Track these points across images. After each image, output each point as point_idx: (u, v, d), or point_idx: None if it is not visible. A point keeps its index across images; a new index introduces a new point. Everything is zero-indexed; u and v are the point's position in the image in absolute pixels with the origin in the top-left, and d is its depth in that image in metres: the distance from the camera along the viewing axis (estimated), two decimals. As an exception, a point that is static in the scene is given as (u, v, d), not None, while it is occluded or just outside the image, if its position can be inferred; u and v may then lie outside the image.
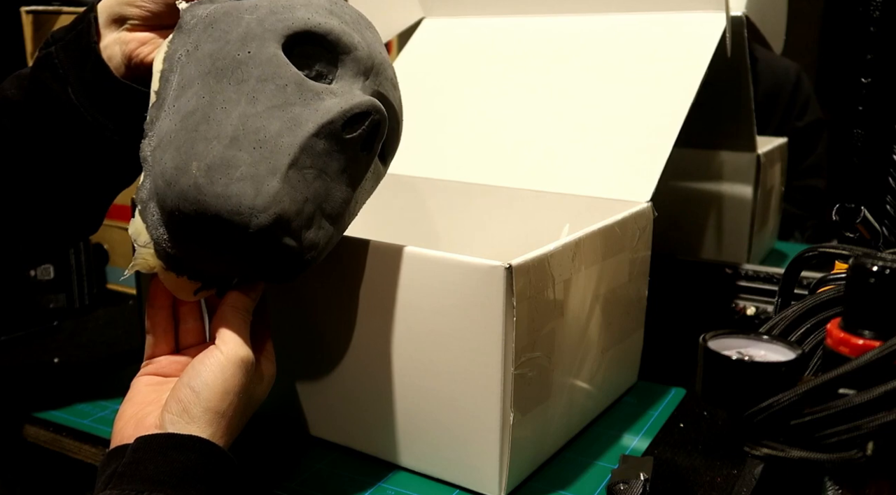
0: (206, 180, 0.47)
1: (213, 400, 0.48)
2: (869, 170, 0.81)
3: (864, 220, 0.68)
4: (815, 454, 0.41)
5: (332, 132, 0.50)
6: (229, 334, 0.50)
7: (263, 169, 0.48)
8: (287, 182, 0.48)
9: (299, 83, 0.50)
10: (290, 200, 0.48)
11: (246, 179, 0.47)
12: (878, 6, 0.79)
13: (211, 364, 0.48)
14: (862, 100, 0.81)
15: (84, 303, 0.94)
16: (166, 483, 0.44)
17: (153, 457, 0.45)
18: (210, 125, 0.49)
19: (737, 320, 0.88)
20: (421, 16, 0.96)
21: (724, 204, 0.97)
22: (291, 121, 0.49)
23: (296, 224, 0.49)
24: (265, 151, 0.48)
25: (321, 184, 0.50)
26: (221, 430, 0.48)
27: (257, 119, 0.49)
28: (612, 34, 0.82)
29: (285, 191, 0.48)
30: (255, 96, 0.49)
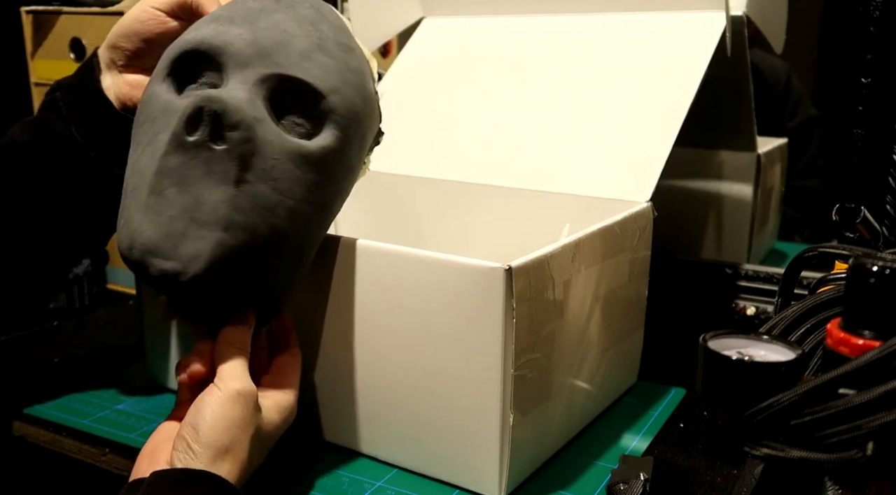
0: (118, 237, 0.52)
1: (213, 436, 0.48)
2: (869, 170, 0.81)
3: (864, 220, 0.68)
4: (815, 454, 0.41)
5: (179, 143, 0.49)
6: (225, 370, 0.50)
7: (133, 208, 0.51)
8: (148, 210, 0.50)
9: (164, 110, 0.51)
10: (151, 227, 0.49)
11: (122, 225, 0.51)
12: (878, 6, 0.79)
13: (209, 401, 0.49)
14: (862, 100, 0.81)
15: (84, 303, 0.94)
16: None
17: (164, 493, 0.46)
18: (123, 189, 0.53)
19: (737, 320, 0.87)
20: (421, 15, 0.96)
21: (724, 204, 0.97)
22: (155, 149, 0.50)
23: (164, 246, 0.49)
24: (137, 191, 0.51)
25: (187, 196, 0.49)
26: (229, 465, 0.48)
27: (137, 162, 0.52)
28: (612, 33, 0.82)
29: (147, 220, 0.49)
30: (137, 140, 0.53)
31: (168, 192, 0.49)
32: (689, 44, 0.77)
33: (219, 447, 0.48)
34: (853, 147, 0.82)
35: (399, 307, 0.55)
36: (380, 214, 0.85)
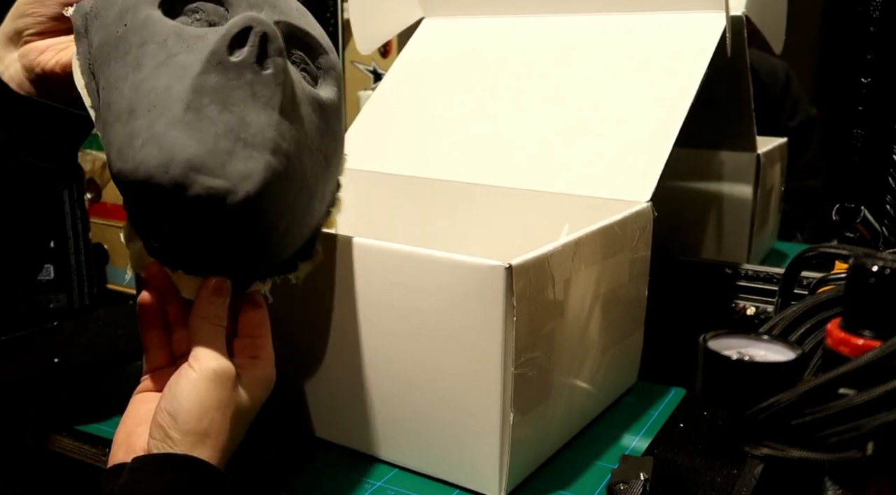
0: (122, 162, 0.46)
1: (192, 422, 0.46)
2: (869, 170, 0.81)
3: (864, 220, 0.68)
4: (815, 454, 0.41)
5: (220, 62, 0.46)
6: (200, 348, 0.48)
7: (161, 125, 0.46)
8: (187, 127, 0.46)
9: (178, 33, 0.48)
10: (195, 142, 0.45)
11: (147, 143, 0.45)
12: (878, 6, 0.79)
13: (184, 384, 0.47)
14: (862, 100, 0.81)
15: (84, 303, 0.94)
16: None
17: (147, 478, 0.45)
18: (112, 110, 0.47)
19: (737, 320, 0.87)
20: (421, 16, 0.96)
21: (724, 204, 0.97)
22: (178, 69, 0.47)
23: (210, 162, 0.45)
24: (159, 109, 0.46)
25: (230, 115, 0.46)
26: (210, 449, 0.47)
27: (146, 82, 0.47)
28: (611, 34, 0.82)
29: (188, 136, 0.45)
30: (139, 62, 0.47)
31: (209, 110, 0.46)
32: (688, 44, 0.77)
33: (198, 432, 0.46)
34: (853, 147, 0.83)
35: (399, 306, 0.55)
36: (380, 214, 0.85)
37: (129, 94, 0.47)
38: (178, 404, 0.47)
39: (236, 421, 0.49)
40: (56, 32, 0.56)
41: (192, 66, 0.46)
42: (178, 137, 0.45)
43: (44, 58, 0.55)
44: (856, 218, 0.68)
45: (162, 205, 0.46)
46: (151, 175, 0.45)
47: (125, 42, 0.48)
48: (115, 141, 0.47)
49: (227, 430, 0.48)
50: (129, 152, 0.46)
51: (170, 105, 0.46)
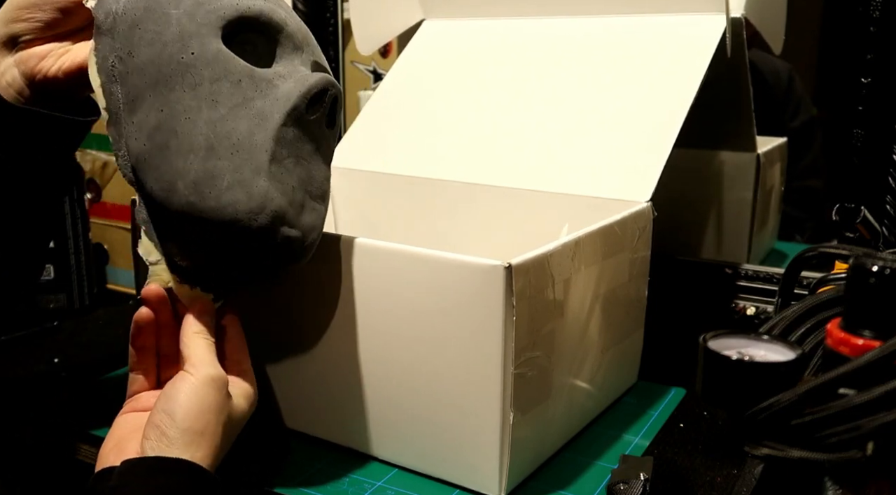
0: (198, 197, 0.48)
1: (189, 421, 0.47)
2: (869, 170, 0.81)
3: (864, 220, 0.68)
4: (815, 454, 0.41)
5: (298, 117, 0.51)
6: (196, 356, 0.50)
7: (247, 171, 0.49)
8: (272, 178, 0.50)
9: (250, 75, 0.50)
10: (279, 194, 0.50)
11: (234, 186, 0.48)
12: (878, 6, 0.79)
13: (182, 386, 0.49)
14: (862, 100, 0.81)
15: (84, 303, 0.94)
16: None
17: (138, 481, 0.45)
18: (180, 139, 0.48)
19: (737, 320, 0.87)
20: (421, 17, 0.96)
21: (724, 204, 0.97)
22: (258, 116, 0.49)
23: (291, 214, 0.50)
24: (243, 154, 0.49)
25: (302, 169, 0.52)
26: (203, 450, 0.48)
27: (224, 123, 0.49)
28: (612, 36, 0.82)
29: (274, 187, 0.49)
30: (215, 99, 0.49)
31: (287, 163, 0.51)
32: (689, 46, 0.77)
33: (194, 432, 0.47)
34: (853, 147, 0.83)
35: (399, 305, 0.55)
36: (380, 214, 0.85)
37: (205, 130, 0.49)
38: (177, 404, 0.48)
39: (227, 427, 0.50)
40: (53, 37, 0.55)
41: (273, 117, 0.50)
42: (269, 188, 0.49)
43: (45, 64, 0.54)
44: (856, 218, 0.68)
45: (220, 239, 0.50)
46: (240, 219, 0.49)
47: (194, 72, 0.49)
48: (189, 173, 0.48)
49: (220, 434, 0.49)
50: (212, 191, 0.48)
51: (254, 153, 0.49)
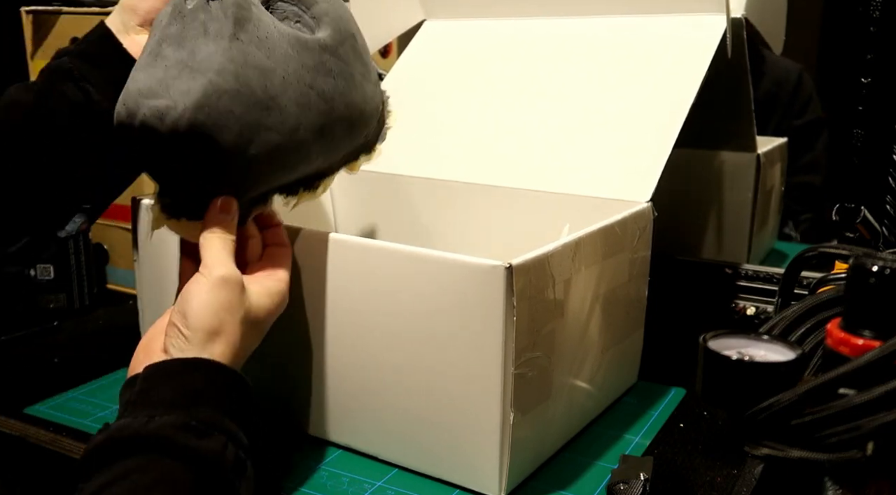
0: (118, 116, 0.54)
1: (201, 319, 0.49)
2: (869, 170, 0.81)
3: (864, 220, 0.68)
4: (815, 454, 0.41)
5: (179, 12, 0.53)
6: (208, 257, 0.52)
7: (134, 78, 0.53)
8: (146, 67, 0.52)
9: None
10: (146, 77, 0.52)
11: (125, 97, 0.53)
12: (878, 6, 0.79)
13: (194, 289, 0.50)
14: (862, 100, 0.81)
15: (84, 303, 0.94)
16: (177, 404, 0.45)
17: (163, 382, 0.47)
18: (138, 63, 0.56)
19: (737, 320, 0.87)
20: (422, 18, 0.96)
21: (724, 204, 0.97)
22: (154, 29, 0.55)
23: (158, 87, 0.51)
24: (139, 67, 0.54)
25: (182, 51, 0.52)
26: (221, 347, 0.49)
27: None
28: (612, 36, 0.82)
29: (142, 75, 0.52)
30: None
31: (165, 50, 0.52)
32: (689, 46, 0.77)
33: (208, 329, 0.49)
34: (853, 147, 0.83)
35: (399, 306, 0.55)
36: (380, 214, 0.85)
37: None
38: (189, 305, 0.50)
39: (247, 325, 0.51)
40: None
41: (161, 22, 0.54)
42: (136, 76, 0.52)
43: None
44: (856, 218, 0.68)
45: (131, 141, 0.52)
46: (117, 116, 0.52)
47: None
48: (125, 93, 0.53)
49: (238, 332, 0.50)
50: (122, 108, 0.52)
51: (140, 58, 0.53)
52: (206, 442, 0.44)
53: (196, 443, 0.43)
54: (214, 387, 0.47)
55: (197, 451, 0.43)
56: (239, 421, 0.47)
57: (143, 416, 0.44)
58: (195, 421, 0.44)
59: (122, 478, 0.42)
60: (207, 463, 0.43)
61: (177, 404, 0.45)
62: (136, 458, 0.42)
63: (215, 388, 0.47)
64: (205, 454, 0.43)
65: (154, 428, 0.43)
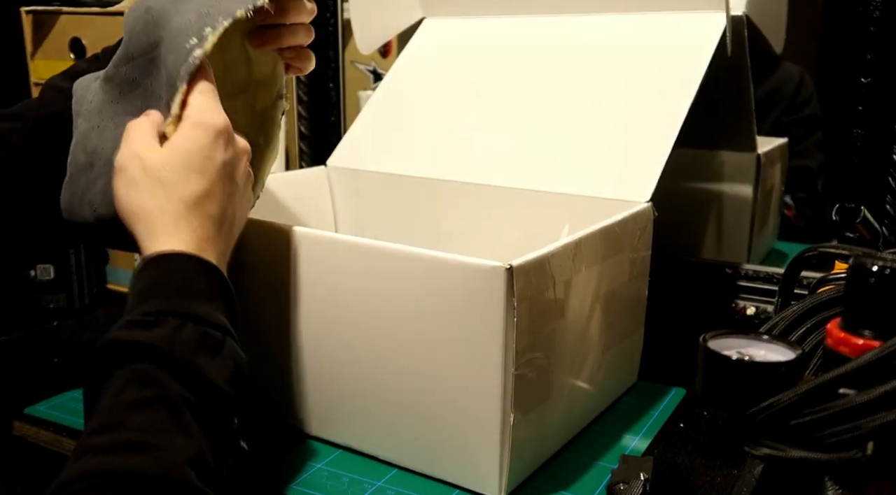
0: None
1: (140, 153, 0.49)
2: (869, 170, 0.81)
3: (864, 220, 0.68)
4: (815, 454, 0.41)
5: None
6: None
7: None
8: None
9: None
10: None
11: None
12: (878, 6, 0.79)
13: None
14: (862, 100, 0.81)
15: (84, 303, 0.94)
16: (128, 311, 0.44)
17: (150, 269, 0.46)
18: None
19: (737, 320, 0.87)
20: (421, 16, 0.96)
21: (724, 204, 0.97)
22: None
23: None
24: None
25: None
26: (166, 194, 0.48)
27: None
28: (612, 34, 0.82)
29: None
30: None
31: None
32: (689, 44, 0.77)
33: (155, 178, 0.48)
34: (853, 147, 0.83)
35: (399, 306, 0.55)
36: (380, 214, 0.85)
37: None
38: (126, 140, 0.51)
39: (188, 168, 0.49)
40: None
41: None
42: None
43: None
44: (856, 218, 0.68)
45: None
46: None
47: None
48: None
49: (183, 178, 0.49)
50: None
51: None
52: (154, 331, 0.42)
53: (142, 336, 0.42)
54: (163, 280, 0.46)
55: (143, 344, 0.42)
56: (207, 301, 0.46)
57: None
58: (140, 316, 0.43)
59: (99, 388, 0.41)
60: (158, 351, 0.42)
61: (130, 309, 0.45)
62: (100, 374, 0.42)
63: (163, 280, 0.46)
64: (151, 342, 0.42)
65: (101, 343, 0.42)
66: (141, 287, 0.45)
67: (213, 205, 0.49)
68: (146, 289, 0.45)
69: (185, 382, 0.42)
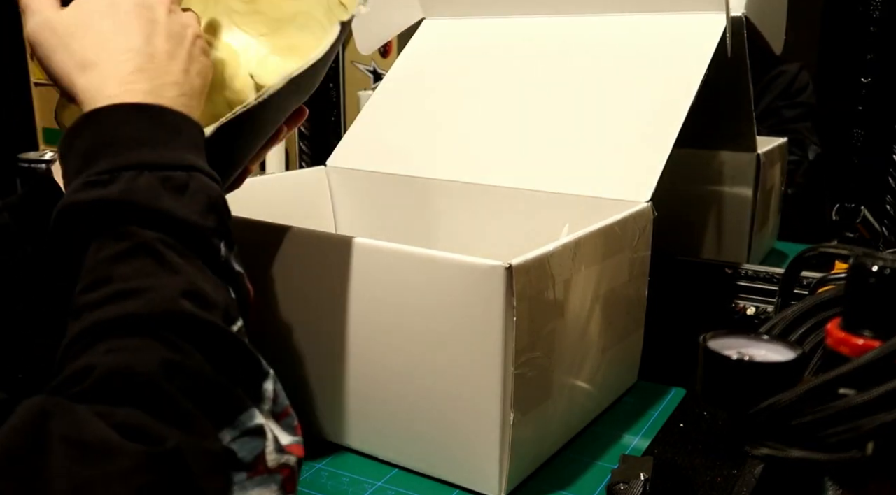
0: None
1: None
2: (869, 170, 0.81)
3: (864, 220, 0.68)
4: (815, 454, 0.41)
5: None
6: None
7: None
8: None
9: None
10: None
11: None
12: (878, 6, 0.79)
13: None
14: (862, 100, 0.81)
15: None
16: (79, 171, 0.42)
17: (68, 150, 0.44)
18: None
19: (737, 320, 0.87)
20: (421, 16, 0.96)
21: (724, 204, 0.97)
22: None
23: None
24: None
25: None
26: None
27: None
28: (612, 35, 0.82)
29: None
30: None
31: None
32: (689, 45, 0.77)
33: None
34: (853, 147, 0.83)
35: (399, 306, 0.55)
36: (380, 214, 0.85)
37: None
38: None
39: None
40: None
41: None
42: None
43: None
44: (856, 218, 0.68)
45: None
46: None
47: None
48: None
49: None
50: None
51: None
52: (110, 188, 0.41)
53: (100, 194, 0.40)
54: (107, 137, 0.43)
55: (103, 201, 0.40)
56: (160, 144, 0.44)
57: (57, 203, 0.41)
58: (95, 176, 0.41)
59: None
60: (117, 205, 0.40)
61: (80, 169, 0.42)
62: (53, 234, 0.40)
63: (107, 137, 0.43)
64: (110, 199, 0.40)
65: (61, 208, 0.41)
66: (85, 147, 0.43)
67: (135, 41, 0.48)
68: (91, 149, 0.43)
69: (157, 227, 0.41)
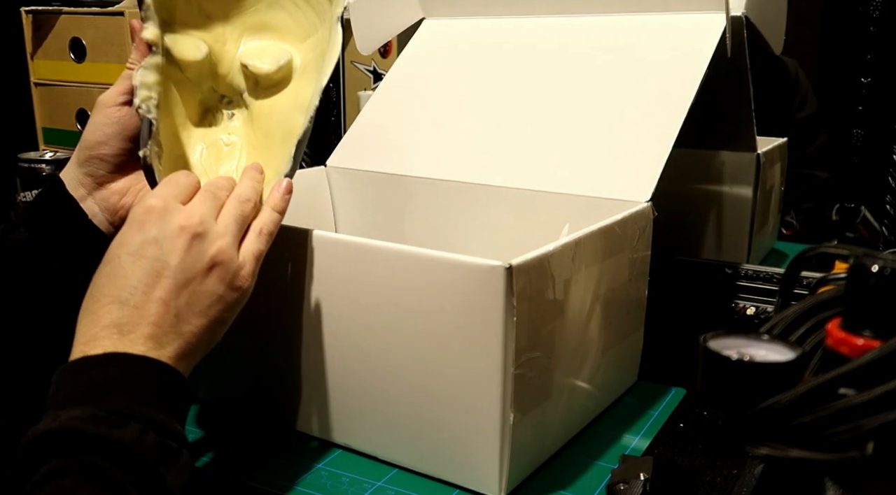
0: None
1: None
2: (869, 170, 0.81)
3: (864, 220, 0.68)
4: (815, 454, 0.41)
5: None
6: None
7: None
8: None
9: None
10: None
11: None
12: (878, 6, 0.79)
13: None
14: (862, 100, 0.81)
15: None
16: (84, 399, 0.43)
17: (70, 379, 0.45)
18: None
19: (737, 320, 0.87)
20: (421, 16, 0.96)
21: (724, 204, 0.97)
22: None
23: None
24: None
25: None
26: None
27: None
28: (612, 35, 0.82)
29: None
30: None
31: None
32: (688, 44, 0.77)
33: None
34: (853, 147, 0.83)
35: (399, 306, 0.55)
36: (380, 214, 0.85)
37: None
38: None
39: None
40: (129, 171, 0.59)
41: None
42: None
43: (125, 200, 0.59)
44: (856, 218, 0.68)
45: None
46: None
47: None
48: None
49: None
50: None
51: None
52: (120, 431, 0.42)
53: (109, 433, 0.41)
54: (126, 378, 0.45)
55: (111, 440, 0.41)
56: (166, 410, 0.45)
57: (51, 416, 0.42)
58: (104, 412, 0.42)
59: (42, 484, 0.39)
60: (124, 452, 0.41)
61: (84, 399, 0.43)
62: (56, 460, 0.40)
63: (127, 379, 0.45)
64: (119, 442, 0.41)
65: (59, 424, 0.41)
66: (100, 380, 0.44)
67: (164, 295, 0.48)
68: (106, 384, 0.44)
69: (145, 489, 0.41)
